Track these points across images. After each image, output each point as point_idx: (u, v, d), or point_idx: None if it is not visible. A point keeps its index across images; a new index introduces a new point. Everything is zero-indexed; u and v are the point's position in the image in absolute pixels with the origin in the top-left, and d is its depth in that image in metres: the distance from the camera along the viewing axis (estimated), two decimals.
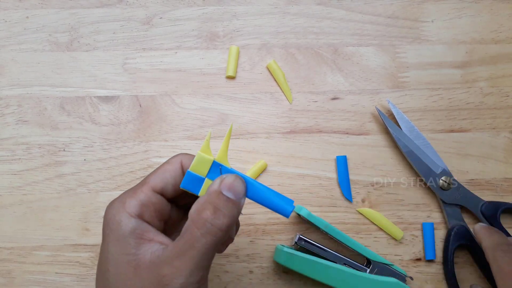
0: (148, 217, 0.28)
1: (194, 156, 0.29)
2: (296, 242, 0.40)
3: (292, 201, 0.29)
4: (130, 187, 0.42)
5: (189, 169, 0.28)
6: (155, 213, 0.28)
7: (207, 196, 0.27)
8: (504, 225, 0.42)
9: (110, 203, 0.29)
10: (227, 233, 0.27)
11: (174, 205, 0.31)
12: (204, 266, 0.26)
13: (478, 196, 0.43)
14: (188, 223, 0.27)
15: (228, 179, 0.28)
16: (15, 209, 0.42)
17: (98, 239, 0.42)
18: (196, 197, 0.29)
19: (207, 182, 0.29)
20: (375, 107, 0.44)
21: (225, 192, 0.27)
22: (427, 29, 0.46)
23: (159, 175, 0.29)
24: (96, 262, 0.41)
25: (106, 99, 0.44)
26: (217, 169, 0.29)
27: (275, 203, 0.29)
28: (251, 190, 0.29)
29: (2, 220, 0.42)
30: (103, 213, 0.42)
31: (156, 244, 0.27)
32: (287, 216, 0.29)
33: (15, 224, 0.42)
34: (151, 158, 0.43)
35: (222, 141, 0.29)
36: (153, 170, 0.30)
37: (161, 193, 0.29)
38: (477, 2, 0.47)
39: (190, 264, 0.26)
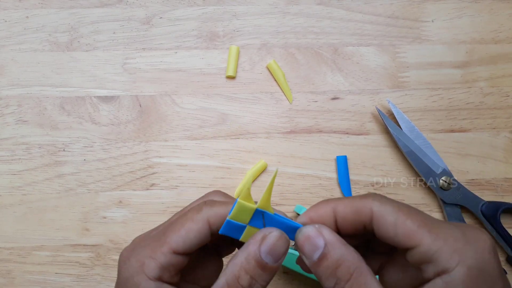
0: (168, 278, 0.26)
1: (223, 210, 0.26)
2: None
3: None
4: (129, 187, 0.42)
5: (228, 218, 0.26)
6: (175, 272, 0.26)
7: (245, 259, 0.25)
8: (505, 225, 0.42)
9: (125, 256, 0.27)
10: None
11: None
12: None
13: (478, 196, 0.43)
14: (222, 284, 0.25)
15: (271, 239, 0.25)
16: (15, 209, 0.42)
17: (98, 239, 0.42)
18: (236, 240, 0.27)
19: (249, 229, 0.26)
20: (375, 107, 0.44)
21: (264, 256, 0.25)
22: (427, 29, 0.46)
23: (182, 235, 0.26)
24: (96, 263, 0.41)
25: (106, 99, 0.44)
26: (259, 216, 0.26)
27: None
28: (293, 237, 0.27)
29: (2, 220, 0.42)
30: (103, 213, 0.42)
31: None
32: None
33: (15, 224, 0.42)
34: (151, 158, 0.43)
35: (266, 188, 0.26)
36: (153, 169, 0.28)
37: (183, 254, 0.26)
38: (477, 2, 0.47)
39: None
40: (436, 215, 0.43)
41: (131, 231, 0.42)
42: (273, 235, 0.25)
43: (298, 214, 0.42)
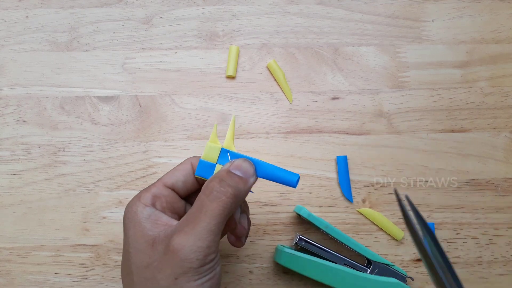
0: (160, 207, 0.31)
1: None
2: (296, 243, 0.40)
3: (297, 175, 0.32)
4: (129, 187, 0.42)
5: (201, 158, 0.32)
6: (167, 204, 0.31)
7: (216, 173, 0.30)
8: None
9: (130, 201, 0.32)
10: (233, 204, 0.29)
11: (189, 204, 0.34)
12: (212, 230, 0.28)
13: (478, 196, 0.42)
14: (198, 195, 0.30)
15: (237, 161, 0.31)
16: (14, 209, 0.42)
17: (98, 239, 0.42)
18: None
19: (218, 167, 0.32)
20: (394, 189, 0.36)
21: (233, 171, 0.30)
22: (427, 29, 0.46)
23: (171, 173, 0.32)
24: (96, 263, 0.41)
25: (106, 99, 0.44)
26: (225, 155, 0.32)
27: (281, 177, 0.32)
28: (259, 169, 0.32)
29: (2, 220, 0.42)
30: (102, 213, 0.42)
31: (170, 227, 0.29)
32: (294, 186, 0.31)
33: (15, 224, 0.42)
34: (151, 158, 0.43)
35: (227, 130, 0.32)
36: (153, 169, 0.32)
37: (172, 188, 0.32)
38: (478, 2, 0.47)
39: (198, 228, 0.28)
40: (436, 215, 0.43)
41: None
42: (238, 159, 0.31)
43: (299, 215, 0.42)
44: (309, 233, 0.43)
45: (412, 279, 0.42)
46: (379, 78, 0.45)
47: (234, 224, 0.32)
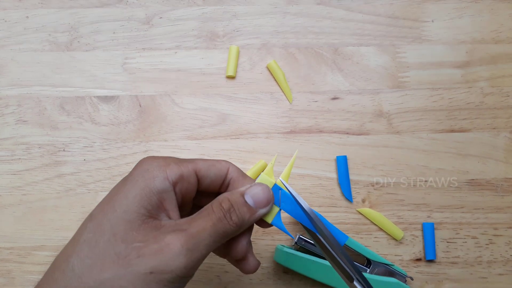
0: (178, 191, 0.28)
1: (239, 168, 0.31)
2: (296, 242, 0.40)
3: (347, 237, 0.31)
4: None
5: None
6: (185, 191, 0.29)
7: (231, 192, 0.29)
8: None
9: (150, 156, 0.29)
10: (236, 231, 0.28)
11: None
12: (210, 245, 0.27)
13: (478, 196, 0.42)
14: (209, 205, 0.28)
15: (256, 187, 0.29)
16: (14, 209, 0.42)
17: None
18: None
19: None
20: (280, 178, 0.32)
21: (246, 197, 0.29)
22: (427, 29, 0.46)
23: (207, 166, 0.30)
24: None
25: (106, 99, 0.44)
26: (276, 192, 0.30)
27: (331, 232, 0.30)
28: (309, 220, 0.30)
29: (2, 220, 0.42)
30: None
31: (167, 218, 0.28)
32: (341, 245, 0.30)
33: (15, 224, 0.42)
34: None
35: (286, 167, 0.31)
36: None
37: (199, 180, 0.30)
38: (478, 2, 0.47)
39: (199, 237, 0.26)
40: (436, 215, 0.43)
41: None
42: (259, 185, 0.29)
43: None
44: None
45: (411, 278, 0.42)
46: (379, 78, 0.45)
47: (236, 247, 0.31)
